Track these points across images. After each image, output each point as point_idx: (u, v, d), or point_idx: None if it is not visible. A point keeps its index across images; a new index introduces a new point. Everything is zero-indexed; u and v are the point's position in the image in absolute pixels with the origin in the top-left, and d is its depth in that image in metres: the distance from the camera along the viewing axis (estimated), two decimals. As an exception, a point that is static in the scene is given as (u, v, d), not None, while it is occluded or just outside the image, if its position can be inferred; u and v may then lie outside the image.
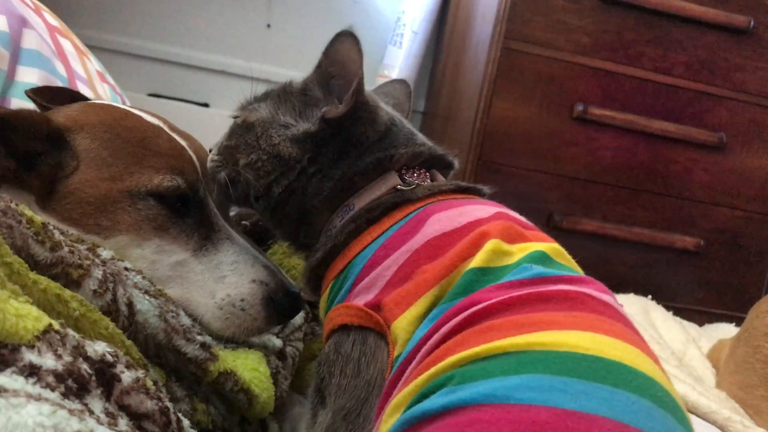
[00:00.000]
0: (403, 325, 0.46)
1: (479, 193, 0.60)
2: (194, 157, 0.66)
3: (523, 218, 0.55)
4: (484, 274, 0.46)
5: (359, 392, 0.47)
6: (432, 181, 0.60)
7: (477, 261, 0.46)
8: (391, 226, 0.54)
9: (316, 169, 0.59)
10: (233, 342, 0.63)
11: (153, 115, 0.70)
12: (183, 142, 0.67)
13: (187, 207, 0.63)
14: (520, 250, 0.48)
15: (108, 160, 0.61)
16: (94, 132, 0.62)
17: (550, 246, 0.49)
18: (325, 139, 0.59)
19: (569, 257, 0.51)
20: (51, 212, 0.60)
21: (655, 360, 0.40)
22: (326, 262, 0.57)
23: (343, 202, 0.58)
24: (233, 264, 0.63)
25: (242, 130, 0.62)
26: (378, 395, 0.46)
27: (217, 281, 0.62)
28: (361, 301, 0.50)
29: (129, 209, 0.60)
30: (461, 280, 0.46)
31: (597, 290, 0.45)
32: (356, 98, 0.57)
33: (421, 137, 0.63)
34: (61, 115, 0.64)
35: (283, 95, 0.62)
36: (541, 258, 0.47)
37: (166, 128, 0.67)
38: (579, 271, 0.49)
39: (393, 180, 0.58)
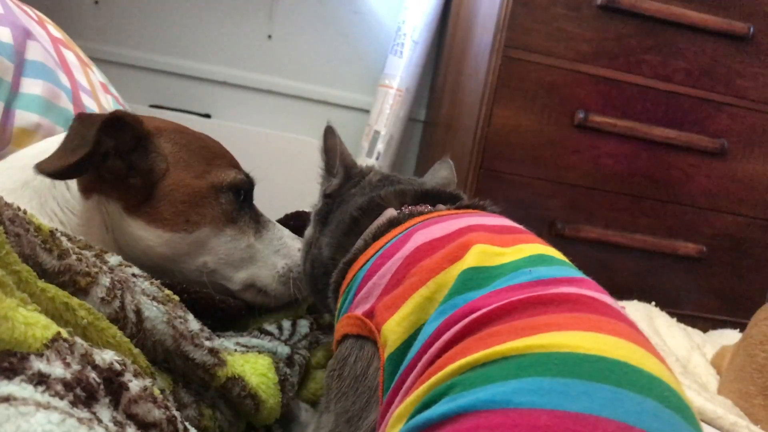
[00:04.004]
0: (391, 326, 0.47)
1: (482, 209, 0.63)
2: None
3: (519, 226, 0.57)
4: (479, 272, 0.46)
5: (361, 397, 0.48)
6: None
7: (469, 262, 0.47)
8: (391, 239, 0.56)
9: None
10: (290, 305, 0.75)
11: None
12: None
13: (246, 199, 0.72)
14: (513, 252, 0.48)
15: (189, 161, 0.67)
16: (171, 136, 0.67)
17: (544, 248, 0.50)
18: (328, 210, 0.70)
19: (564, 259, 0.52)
20: (139, 216, 0.63)
21: (662, 359, 0.40)
22: (340, 281, 0.61)
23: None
24: (281, 239, 0.75)
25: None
26: (378, 401, 0.47)
27: (275, 254, 0.74)
28: (360, 310, 0.52)
29: (213, 203, 0.67)
30: (458, 279, 0.46)
31: (594, 291, 0.45)
32: (343, 163, 0.71)
33: (397, 177, 0.71)
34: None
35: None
36: (540, 259, 0.47)
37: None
38: (575, 269, 0.50)
39: (391, 213, 0.62)
